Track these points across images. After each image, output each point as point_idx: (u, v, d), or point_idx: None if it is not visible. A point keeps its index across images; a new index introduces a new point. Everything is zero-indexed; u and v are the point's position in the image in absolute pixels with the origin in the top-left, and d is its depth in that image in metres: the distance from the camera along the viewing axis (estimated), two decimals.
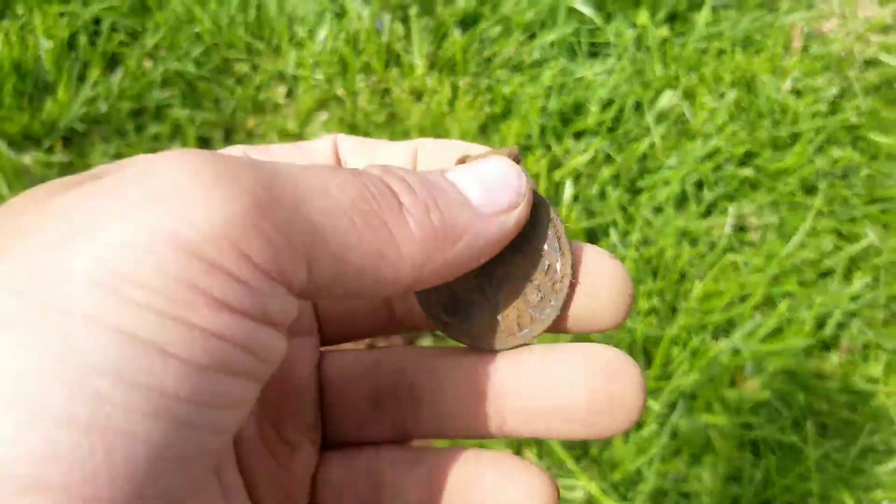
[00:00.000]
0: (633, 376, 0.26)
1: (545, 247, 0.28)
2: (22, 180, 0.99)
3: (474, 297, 0.29)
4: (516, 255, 0.28)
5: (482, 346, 0.29)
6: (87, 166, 1.03)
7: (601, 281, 0.27)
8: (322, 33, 1.19)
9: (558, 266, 0.28)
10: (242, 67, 1.17)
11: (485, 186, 0.25)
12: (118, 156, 1.06)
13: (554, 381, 0.27)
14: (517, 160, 0.27)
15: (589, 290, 0.27)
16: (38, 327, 0.17)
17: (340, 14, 1.23)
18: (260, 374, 0.21)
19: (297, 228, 0.20)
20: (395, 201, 0.23)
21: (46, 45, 1.07)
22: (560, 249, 0.28)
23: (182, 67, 1.13)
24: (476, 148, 0.28)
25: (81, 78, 1.09)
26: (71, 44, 1.12)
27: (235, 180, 0.19)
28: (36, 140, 1.04)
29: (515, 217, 0.25)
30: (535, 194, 0.27)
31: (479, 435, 0.29)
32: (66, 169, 1.03)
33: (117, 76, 1.10)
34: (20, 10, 1.15)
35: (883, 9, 1.55)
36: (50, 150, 1.04)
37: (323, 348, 0.31)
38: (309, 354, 0.30)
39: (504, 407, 0.28)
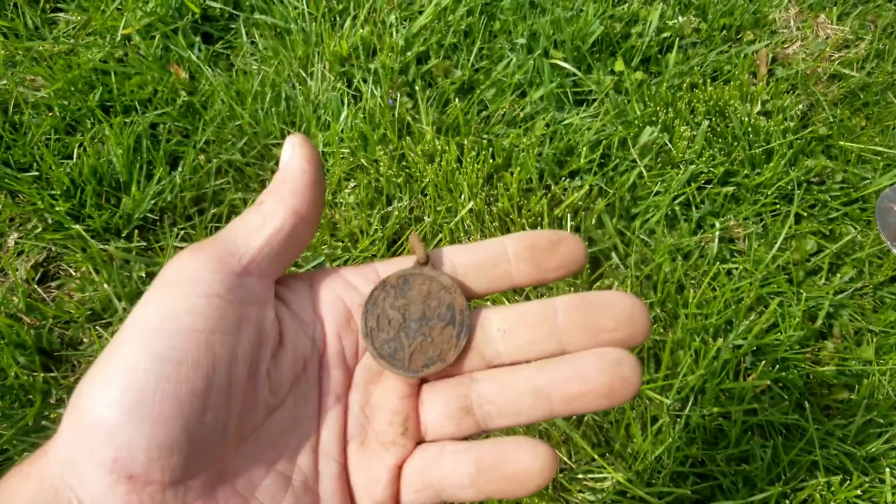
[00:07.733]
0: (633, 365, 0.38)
1: (451, 329, 0.41)
2: (108, 267, 1.15)
3: (400, 341, 0.42)
4: (434, 326, 0.42)
5: (398, 372, 0.41)
6: (160, 249, 1.19)
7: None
8: (343, 114, 1.32)
9: (453, 348, 0.41)
10: (280, 151, 1.29)
11: None
12: (186, 237, 1.21)
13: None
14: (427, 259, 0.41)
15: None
16: None
17: (357, 97, 1.37)
18: None
19: None
20: None
21: (117, 151, 1.25)
22: (458, 341, 0.41)
23: (231, 157, 1.27)
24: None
25: (149, 176, 1.25)
26: (136, 147, 1.27)
27: None
28: (116, 231, 1.19)
29: None
30: (450, 288, 0.41)
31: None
32: (144, 253, 1.19)
33: (178, 171, 1.25)
34: (89, 123, 1.33)
35: (841, 26, 1.65)
36: (128, 237, 1.19)
37: None
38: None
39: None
